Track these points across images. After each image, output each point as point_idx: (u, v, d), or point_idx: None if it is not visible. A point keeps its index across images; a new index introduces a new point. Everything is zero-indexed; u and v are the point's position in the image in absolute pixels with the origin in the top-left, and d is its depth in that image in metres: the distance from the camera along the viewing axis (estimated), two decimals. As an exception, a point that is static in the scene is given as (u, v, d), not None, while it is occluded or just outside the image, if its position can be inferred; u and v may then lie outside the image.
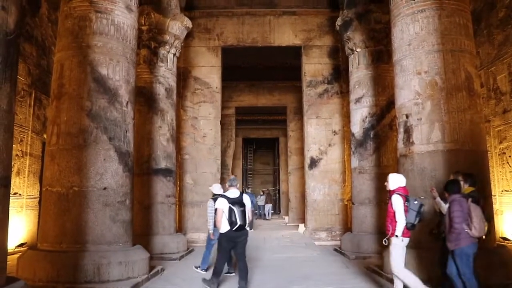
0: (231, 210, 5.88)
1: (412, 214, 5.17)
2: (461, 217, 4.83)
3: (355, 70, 10.45)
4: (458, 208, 4.87)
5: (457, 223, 4.83)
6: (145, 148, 9.96)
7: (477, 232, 4.78)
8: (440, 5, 6.62)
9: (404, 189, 5.36)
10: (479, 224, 4.79)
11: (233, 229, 5.87)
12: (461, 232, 4.81)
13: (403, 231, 5.21)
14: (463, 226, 4.80)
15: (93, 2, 6.72)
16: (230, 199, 5.99)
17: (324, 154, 12.72)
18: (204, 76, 12.85)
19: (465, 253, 4.84)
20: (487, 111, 9.40)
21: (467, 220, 4.82)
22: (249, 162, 31.01)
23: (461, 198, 4.93)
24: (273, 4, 12.98)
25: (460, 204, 4.88)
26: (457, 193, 5.01)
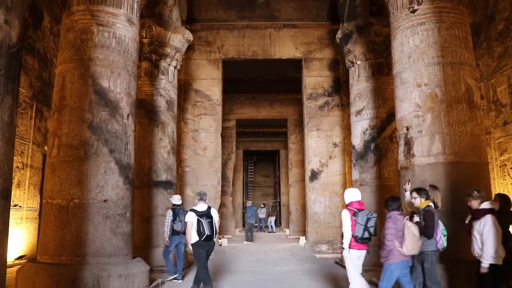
0: (199, 222, 6.44)
1: (359, 228, 5.45)
2: (393, 234, 5.04)
3: (355, 82, 10.49)
4: (392, 225, 5.06)
5: (388, 240, 5.05)
6: (146, 160, 9.95)
7: (408, 251, 4.96)
8: (439, 18, 6.66)
9: (358, 203, 5.64)
10: (411, 243, 4.96)
11: (201, 239, 6.42)
12: (392, 249, 5.02)
13: (351, 244, 5.52)
14: (395, 243, 4.97)
15: (95, 15, 6.78)
16: (198, 212, 6.54)
17: (324, 166, 12.71)
18: (205, 89, 12.90)
19: (391, 269, 5.09)
20: (487, 123, 9.41)
21: (400, 238, 4.98)
22: (249, 175, 30.95)
23: (397, 216, 5.11)
24: (274, 17, 13.07)
25: (395, 222, 5.06)
26: (395, 210, 5.18)
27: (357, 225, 5.47)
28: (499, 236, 4.85)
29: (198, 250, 6.50)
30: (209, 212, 6.59)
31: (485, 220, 4.91)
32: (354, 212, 5.55)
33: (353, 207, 5.61)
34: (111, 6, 6.94)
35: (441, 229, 5.37)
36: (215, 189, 12.51)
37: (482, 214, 4.97)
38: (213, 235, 6.51)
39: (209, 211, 6.62)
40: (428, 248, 5.29)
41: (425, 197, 5.47)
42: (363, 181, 10.02)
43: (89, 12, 6.79)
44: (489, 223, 4.87)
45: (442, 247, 5.36)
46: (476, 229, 4.98)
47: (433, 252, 5.33)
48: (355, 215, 5.50)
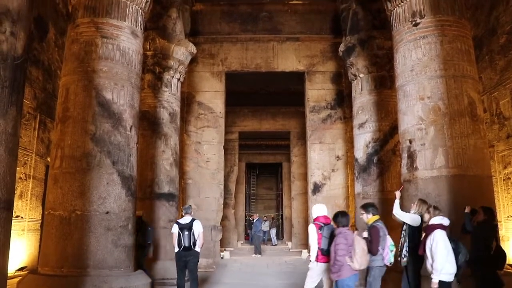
0: (179, 234, 7.10)
1: (325, 241, 5.61)
2: (344, 249, 5.15)
3: (358, 95, 10.50)
4: (342, 241, 5.19)
5: (339, 255, 5.16)
6: (148, 172, 9.95)
7: (358, 265, 5.11)
8: (442, 32, 6.69)
9: (324, 217, 5.81)
10: (361, 257, 5.12)
11: (180, 249, 7.07)
12: (343, 264, 5.13)
13: (318, 257, 5.66)
14: (346, 258, 5.11)
15: (99, 28, 6.83)
16: (180, 224, 7.17)
17: (327, 179, 12.67)
18: (207, 101, 12.92)
19: (346, 284, 5.19)
20: (490, 136, 9.39)
21: (350, 252, 5.13)
22: (252, 187, 30.89)
23: (347, 231, 5.25)
24: (277, 31, 13.13)
25: (345, 237, 5.20)
26: (344, 225, 5.31)
27: (323, 238, 5.64)
28: (447, 252, 4.87)
29: (177, 259, 7.19)
30: (191, 225, 7.15)
31: (434, 236, 4.95)
32: (320, 226, 5.71)
33: (319, 222, 5.77)
34: (116, 19, 7.00)
35: (389, 244, 5.50)
36: (217, 202, 12.48)
37: (432, 230, 5.03)
38: (191, 246, 7.10)
39: (191, 224, 7.16)
40: (374, 264, 5.47)
41: (372, 213, 5.65)
42: (366, 194, 9.98)
43: (94, 25, 6.85)
44: (436, 238, 4.91)
45: (389, 262, 5.51)
46: (427, 245, 5.01)
47: (379, 267, 5.50)
48: (321, 229, 5.67)
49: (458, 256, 5.01)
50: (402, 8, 7.17)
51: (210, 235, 12.02)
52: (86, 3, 6.97)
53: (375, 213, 5.66)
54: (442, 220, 5.08)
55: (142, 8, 7.47)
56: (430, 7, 6.84)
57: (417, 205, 5.86)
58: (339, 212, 5.56)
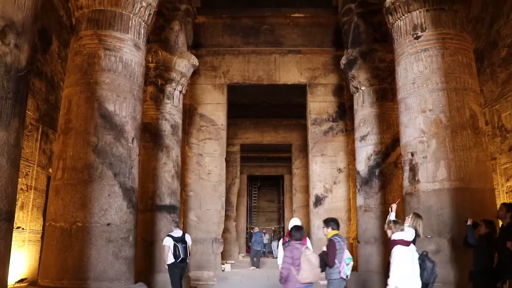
0: (175, 246, 7.53)
1: None
2: (289, 262, 5.30)
3: (359, 108, 10.51)
4: (289, 254, 5.36)
5: (283, 267, 5.34)
6: (150, 184, 9.94)
7: (303, 278, 5.18)
8: (443, 45, 6.72)
9: None
10: (307, 271, 5.18)
11: (177, 261, 7.52)
12: (287, 276, 5.28)
13: None
14: (292, 270, 5.24)
15: (102, 40, 6.88)
16: (174, 237, 7.63)
17: (329, 192, 12.63)
18: (209, 113, 12.94)
19: None
20: (492, 149, 9.37)
21: (297, 266, 5.23)
22: (253, 200, 30.79)
23: (296, 245, 5.39)
24: (279, 43, 13.19)
25: (291, 251, 5.35)
26: (297, 239, 5.47)
27: None
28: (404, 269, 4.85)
29: (173, 270, 7.62)
30: (183, 238, 7.72)
31: (393, 251, 4.99)
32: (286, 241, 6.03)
33: None
34: (118, 31, 7.05)
35: (345, 258, 5.65)
36: (218, 214, 12.43)
37: (393, 246, 5.06)
38: (187, 257, 7.72)
39: (183, 237, 7.75)
40: (332, 277, 5.71)
41: (332, 227, 5.90)
42: (367, 207, 9.96)
43: (97, 37, 6.90)
44: (394, 254, 4.94)
45: (345, 275, 5.67)
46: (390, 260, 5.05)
47: (337, 280, 5.68)
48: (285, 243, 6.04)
49: (423, 272, 5.04)
50: (403, 21, 7.21)
51: (211, 247, 11.96)
52: (90, 15, 7.03)
53: (335, 228, 5.90)
54: (404, 235, 5.09)
55: (145, 20, 7.53)
56: (431, 20, 6.88)
57: (412, 219, 5.83)
58: (294, 227, 5.75)
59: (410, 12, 7.08)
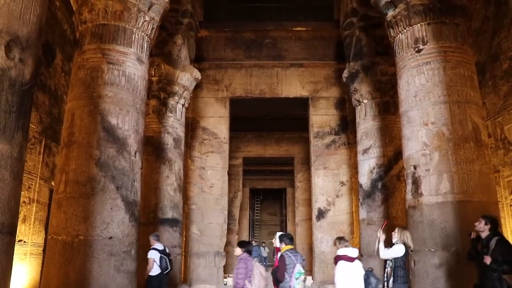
0: (162, 258, 7.89)
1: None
2: (243, 274, 5.79)
3: (362, 121, 10.52)
4: (242, 266, 5.83)
5: (239, 278, 5.77)
6: (152, 197, 9.93)
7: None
8: (444, 58, 6.74)
9: None
10: (259, 281, 5.72)
11: (163, 272, 7.88)
12: (242, 287, 5.70)
13: None
14: (245, 282, 5.66)
15: (105, 54, 6.93)
16: (160, 250, 7.98)
17: (331, 205, 12.59)
18: (212, 127, 12.96)
19: None
20: (496, 161, 9.34)
21: (250, 277, 5.70)
22: (256, 213, 30.72)
23: (247, 257, 5.89)
24: (281, 57, 13.25)
25: (245, 263, 5.85)
26: (246, 252, 5.95)
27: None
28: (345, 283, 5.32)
29: (156, 282, 7.85)
30: (165, 251, 8.15)
31: (336, 266, 5.47)
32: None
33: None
34: (122, 45, 7.11)
35: (295, 272, 5.81)
36: (221, 228, 12.39)
37: (337, 261, 5.51)
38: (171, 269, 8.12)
39: (165, 249, 8.17)
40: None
41: (285, 243, 6.17)
42: (370, 220, 9.91)
43: (100, 51, 6.95)
44: (336, 269, 5.40)
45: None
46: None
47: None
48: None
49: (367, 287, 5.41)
50: (405, 35, 7.24)
51: (213, 261, 11.91)
52: (93, 30, 7.09)
53: (288, 243, 6.17)
54: (348, 251, 5.51)
55: (148, 34, 7.59)
56: (432, 33, 6.92)
57: (398, 233, 6.04)
58: (241, 241, 6.28)
59: (412, 26, 7.12)
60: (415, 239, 6.42)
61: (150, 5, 7.50)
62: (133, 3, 7.25)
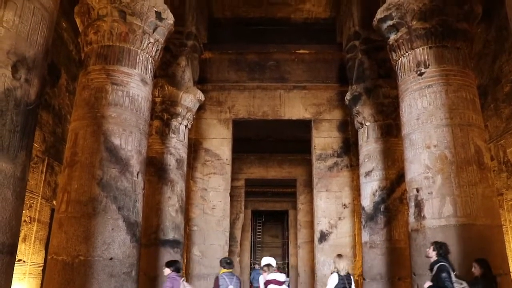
0: None
1: None
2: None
3: (364, 143, 10.53)
4: (169, 285, 6.17)
5: None
6: (154, 218, 9.90)
7: None
8: (446, 81, 6.78)
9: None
10: None
11: None
12: None
13: None
14: None
15: (110, 75, 6.99)
16: None
17: (334, 227, 12.50)
18: (215, 148, 12.98)
19: None
20: (499, 184, 9.31)
21: None
22: (257, 235, 30.50)
23: (175, 276, 6.17)
24: (284, 79, 13.33)
25: (172, 282, 6.16)
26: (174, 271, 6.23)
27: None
28: None
29: None
30: None
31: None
32: None
33: None
34: (126, 66, 7.17)
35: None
36: (222, 249, 12.30)
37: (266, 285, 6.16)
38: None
39: None
40: None
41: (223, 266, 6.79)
42: (373, 243, 9.83)
43: (105, 72, 7.01)
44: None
45: None
46: None
47: None
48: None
49: None
50: (407, 58, 7.30)
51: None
52: (99, 51, 7.18)
53: (225, 266, 6.79)
54: (276, 276, 6.17)
55: (152, 56, 7.67)
56: (434, 57, 6.97)
57: (334, 262, 6.49)
58: (169, 261, 6.50)
59: (414, 49, 7.18)
60: (418, 263, 6.37)
61: (155, 27, 7.60)
62: (138, 25, 7.34)
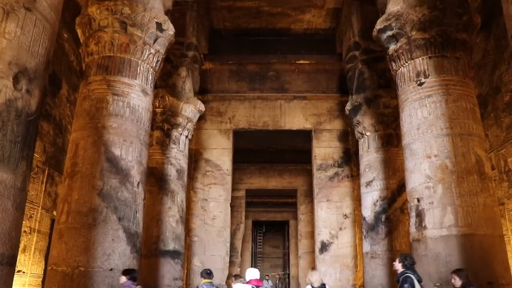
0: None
1: None
2: None
3: (365, 153, 10.53)
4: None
5: None
6: (154, 229, 9.86)
7: None
8: (446, 91, 6.80)
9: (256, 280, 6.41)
10: None
11: None
12: None
13: None
14: None
15: (111, 85, 7.01)
16: None
17: (335, 238, 12.46)
18: (215, 159, 12.97)
19: None
20: (500, 194, 9.29)
21: None
22: (258, 245, 30.40)
23: (130, 285, 5.90)
24: (284, 89, 13.36)
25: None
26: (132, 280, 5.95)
27: None
28: None
29: None
30: None
31: None
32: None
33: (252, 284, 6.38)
34: (127, 77, 7.20)
35: None
36: (223, 260, 12.24)
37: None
38: None
39: None
40: None
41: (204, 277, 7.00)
42: (374, 254, 9.79)
43: (106, 82, 7.03)
44: None
45: None
46: None
47: None
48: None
49: None
50: (406, 68, 7.32)
51: None
52: (99, 62, 7.20)
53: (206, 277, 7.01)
54: (242, 286, 6.08)
55: (153, 67, 7.69)
56: (434, 67, 6.99)
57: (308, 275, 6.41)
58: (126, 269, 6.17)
59: (413, 59, 7.20)
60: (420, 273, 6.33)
61: (155, 38, 7.63)
62: (139, 36, 7.38)
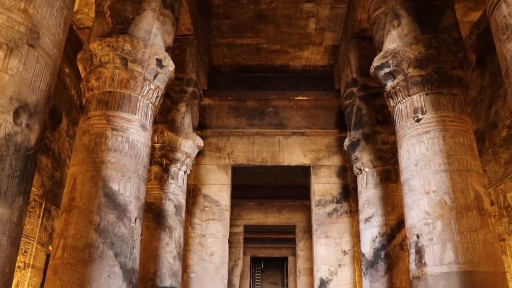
0: None
1: None
2: None
3: (363, 189, 10.50)
4: None
5: None
6: (151, 265, 9.72)
7: None
8: (444, 127, 6.84)
9: None
10: None
11: None
12: None
13: None
14: None
15: (110, 120, 7.05)
16: None
17: (334, 275, 12.28)
18: (213, 194, 12.92)
19: None
20: (500, 230, 9.23)
21: None
22: (256, 282, 29.96)
23: None
24: (283, 125, 13.45)
25: None
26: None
27: None
28: None
29: None
30: None
31: None
32: None
33: None
34: (126, 112, 7.24)
35: None
36: (220, 297, 12.03)
37: None
38: None
39: None
40: None
41: None
42: (374, 291, 9.63)
43: (105, 117, 7.07)
44: None
45: None
46: None
47: None
48: None
49: None
50: (404, 105, 7.39)
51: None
52: (100, 97, 7.26)
53: None
54: None
55: (153, 102, 7.76)
56: (431, 104, 7.06)
57: None
58: None
59: (410, 96, 7.28)
60: (420, 311, 6.22)
61: (155, 74, 7.73)
62: (139, 72, 7.47)
